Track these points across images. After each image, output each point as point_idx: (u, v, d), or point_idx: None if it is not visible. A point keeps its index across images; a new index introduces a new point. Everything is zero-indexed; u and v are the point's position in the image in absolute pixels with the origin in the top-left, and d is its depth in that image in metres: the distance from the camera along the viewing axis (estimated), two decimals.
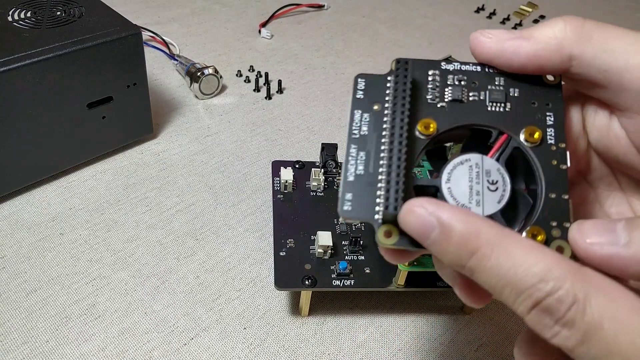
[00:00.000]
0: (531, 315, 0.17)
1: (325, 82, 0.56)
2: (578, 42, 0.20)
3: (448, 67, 0.23)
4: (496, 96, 0.23)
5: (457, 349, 0.34)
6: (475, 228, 0.18)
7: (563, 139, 0.22)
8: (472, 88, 0.23)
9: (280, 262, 0.33)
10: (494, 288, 0.18)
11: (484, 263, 0.18)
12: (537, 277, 0.17)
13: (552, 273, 0.17)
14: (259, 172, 0.45)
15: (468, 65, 0.23)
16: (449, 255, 0.19)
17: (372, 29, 0.67)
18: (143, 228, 0.39)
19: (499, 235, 0.18)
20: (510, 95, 0.23)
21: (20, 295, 0.34)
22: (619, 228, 0.18)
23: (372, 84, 0.23)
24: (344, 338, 0.34)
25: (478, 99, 0.23)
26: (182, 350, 0.32)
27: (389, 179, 0.21)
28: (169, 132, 0.48)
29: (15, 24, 0.39)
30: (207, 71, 0.51)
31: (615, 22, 0.21)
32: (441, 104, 0.23)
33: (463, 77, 0.23)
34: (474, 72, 0.23)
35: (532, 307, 0.17)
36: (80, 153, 0.42)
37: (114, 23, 0.40)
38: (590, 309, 0.17)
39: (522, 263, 0.17)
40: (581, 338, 0.17)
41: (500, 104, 0.23)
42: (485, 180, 0.21)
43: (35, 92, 0.37)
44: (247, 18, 0.66)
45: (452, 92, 0.23)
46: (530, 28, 0.21)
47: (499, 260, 0.18)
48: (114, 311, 0.34)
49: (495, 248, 0.18)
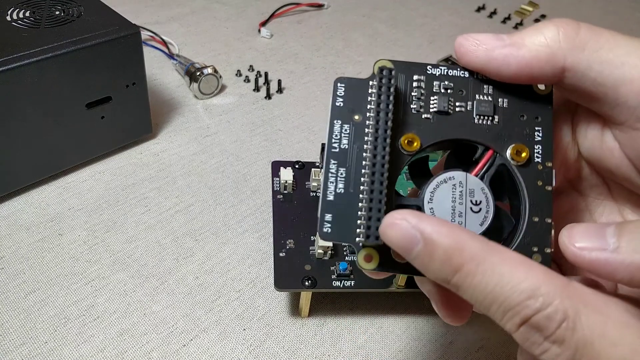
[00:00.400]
0: (520, 332, 0.17)
1: (326, 82, 0.56)
2: (571, 52, 0.19)
3: (434, 72, 0.22)
4: (484, 109, 0.21)
5: (458, 350, 0.34)
6: (459, 243, 0.17)
7: (550, 157, 0.21)
8: (459, 97, 0.22)
9: (280, 263, 0.33)
10: (481, 305, 0.18)
11: (469, 280, 0.17)
12: (525, 293, 0.17)
13: (540, 289, 0.17)
14: (259, 172, 0.45)
15: (455, 70, 0.22)
16: (433, 270, 0.18)
17: (372, 28, 0.67)
18: (142, 229, 0.39)
19: (484, 251, 0.17)
20: (499, 106, 0.22)
21: (19, 296, 0.34)
22: (608, 233, 0.18)
23: (352, 89, 0.21)
24: (344, 339, 0.34)
25: (465, 109, 0.22)
26: (181, 352, 0.32)
27: (371, 206, 0.20)
28: (168, 132, 0.48)
29: (13, 23, 0.39)
30: (207, 71, 0.51)
31: (615, 22, 0.21)
32: (426, 115, 0.21)
33: (450, 85, 0.22)
34: (462, 79, 0.22)
35: (521, 324, 0.17)
36: (79, 153, 0.42)
37: (112, 22, 0.40)
38: (580, 325, 0.16)
39: (509, 280, 0.17)
40: (572, 355, 0.16)
41: (488, 118, 0.21)
42: (468, 200, 0.21)
43: (33, 92, 0.37)
44: (246, 17, 0.66)
45: (437, 102, 0.21)
46: (521, 32, 0.20)
47: (485, 277, 0.17)
48: (113, 312, 0.34)
49: (480, 264, 0.17)
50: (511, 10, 0.75)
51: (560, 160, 0.23)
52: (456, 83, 0.22)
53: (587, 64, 0.19)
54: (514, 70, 0.20)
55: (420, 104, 0.21)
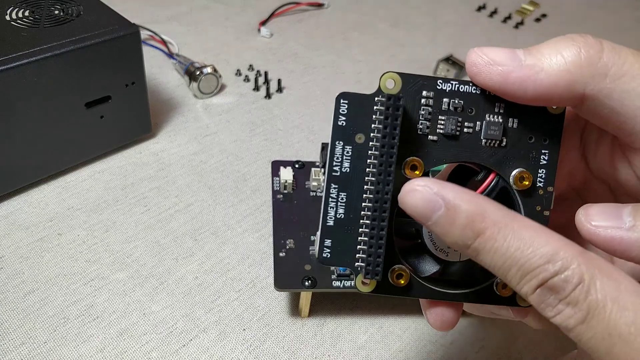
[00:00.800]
0: (536, 294, 0.18)
1: (326, 81, 0.56)
2: (593, 80, 0.18)
3: (444, 88, 0.21)
4: (493, 132, 0.21)
5: (459, 350, 0.33)
6: (481, 208, 0.18)
7: (552, 182, 0.21)
8: (468, 117, 0.21)
9: (280, 263, 0.33)
10: (500, 269, 0.18)
11: (490, 244, 0.18)
12: (545, 258, 0.17)
13: (559, 254, 0.17)
14: (259, 172, 0.44)
15: (467, 86, 0.21)
16: (454, 235, 0.18)
17: (373, 27, 0.67)
18: (141, 228, 0.39)
19: (506, 217, 0.18)
20: (508, 126, 0.21)
21: (18, 296, 0.34)
22: (625, 213, 0.19)
23: (356, 105, 0.20)
24: (345, 339, 0.33)
25: (473, 131, 0.21)
26: (181, 352, 0.32)
27: (372, 242, 0.20)
28: (167, 131, 0.48)
29: (13, 23, 0.39)
30: (206, 70, 0.51)
31: (615, 21, 0.20)
32: (432, 137, 0.21)
33: (459, 103, 0.21)
34: (472, 95, 0.21)
35: (538, 286, 0.17)
36: (78, 153, 0.42)
37: (112, 22, 0.40)
38: (594, 289, 0.17)
39: (530, 244, 0.17)
40: (583, 317, 0.17)
41: (496, 141, 0.21)
42: None
43: (33, 92, 0.36)
44: (246, 17, 0.66)
45: (445, 124, 0.21)
46: (538, 49, 0.19)
47: (506, 241, 0.18)
48: (113, 312, 0.34)
49: (502, 229, 0.18)
50: (512, 9, 0.75)
51: (566, 170, 0.23)
52: (466, 100, 0.21)
53: (608, 93, 0.18)
54: (531, 96, 0.19)
55: (427, 124, 0.21)
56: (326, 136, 0.49)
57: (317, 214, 0.36)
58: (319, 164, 0.40)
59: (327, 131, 0.49)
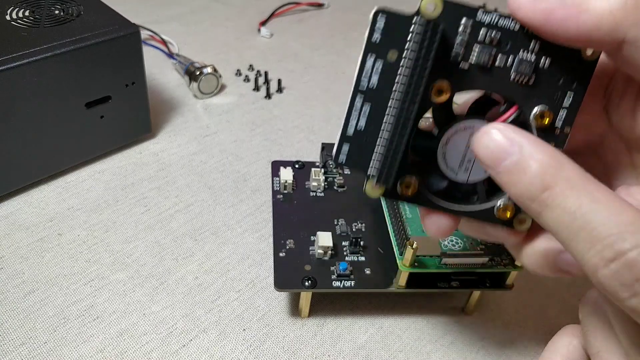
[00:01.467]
0: (608, 269, 0.15)
1: (326, 81, 0.56)
2: (635, 25, 0.18)
3: (484, 19, 0.20)
4: (524, 69, 0.21)
5: (458, 350, 0.33)
6: (558, 161, 0.17)
7: (571, 122, 0.21)
8: (502, 51, 0.21)
9: (279, 263, 0.33)
10: (565, 230, 0.16)
11: (559, 200, 0.16)
12: (622, 225, 0.15)
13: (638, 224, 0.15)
14: (259, 172, 0.44)
15: (506, 20, 0.20)
16: (521, 184, 0.17)
17: None
18: (141, 228, 0.39)
19: (581, 175, 0.16)
20: (540, 66, 0.21)
21: (18, 296, 0.34)
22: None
23: (393, 24, 0.20)
24: (344, 339, 0.33)
25: (504, 65, 0.21)
26: (181, 352, 0.32)
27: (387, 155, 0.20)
28: (167, 131, 0.48)
29: (13, 22, 0.39)
30: (206, 70, 0.51)
31: None
32: (464, 64, 0.21)
33: (496, 36, 0.20)
34: (510, 32, 0.21)
35: (611, 260, 0.15)
36: (78, 153, 0.42)
37: (112, 22, 0.40)
38: None
39: (606, 207, 0.15)
40: None
41: (525, 77, 0.21)
42: None
43: (33, 92, 0.36)
44: (246, 17, 0.66)
45: (478, 54, 0.21)
46: None
47: (578, 200, 0.16)
48: (113, 312, 0.34)
49: (575, 186, 0.16)
50: None
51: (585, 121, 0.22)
52: (503, 34, 0.21)
53: None
54: (572, 35, 0.18)
55: (460, 51, 0.21)
56: (326, 136, 0.49)
57: (317, 215, 0.36)
58: (319, 164, 0.40)
59: (327, 131, 0.49)
